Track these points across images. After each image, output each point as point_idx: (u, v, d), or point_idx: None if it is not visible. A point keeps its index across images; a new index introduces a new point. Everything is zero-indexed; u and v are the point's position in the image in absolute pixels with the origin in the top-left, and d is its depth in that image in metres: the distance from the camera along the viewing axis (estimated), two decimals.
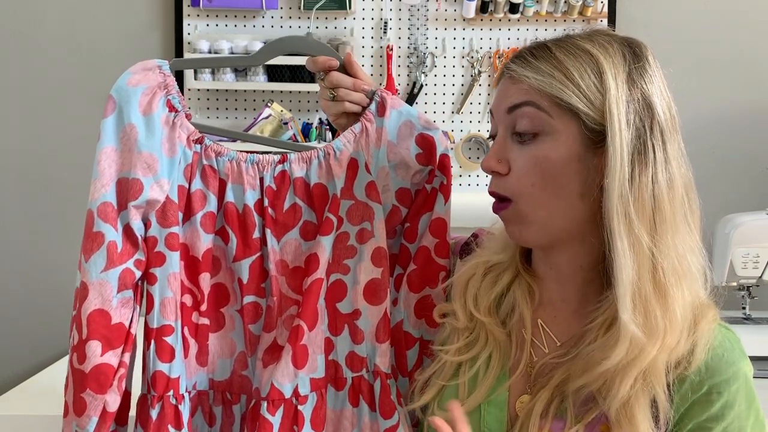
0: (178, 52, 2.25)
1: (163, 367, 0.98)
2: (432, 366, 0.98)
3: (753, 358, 0.91)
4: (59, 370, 1.85)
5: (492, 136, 0.94)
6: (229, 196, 1.01)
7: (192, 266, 1.01)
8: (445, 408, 0.92)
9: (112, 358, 0.95)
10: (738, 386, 0.86)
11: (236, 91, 2.28)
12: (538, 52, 0.89)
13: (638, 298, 0.83)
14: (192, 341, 1.02)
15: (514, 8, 2.22)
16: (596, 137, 0.86)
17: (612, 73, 0.86)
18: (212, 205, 1.01)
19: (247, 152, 1.03)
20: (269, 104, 2.21)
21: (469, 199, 1.69)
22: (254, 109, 2.28)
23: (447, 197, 1.05)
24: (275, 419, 0.97)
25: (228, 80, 2.21)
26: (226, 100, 2.29)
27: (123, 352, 0.96)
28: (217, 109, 2.29)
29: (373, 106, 1.04)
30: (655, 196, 0.84)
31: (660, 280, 0.84)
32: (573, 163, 0.86)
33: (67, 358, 0.97)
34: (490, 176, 0.92)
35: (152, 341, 0.98)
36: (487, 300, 0.96)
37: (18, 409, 1.56)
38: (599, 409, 0.86)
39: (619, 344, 0.83)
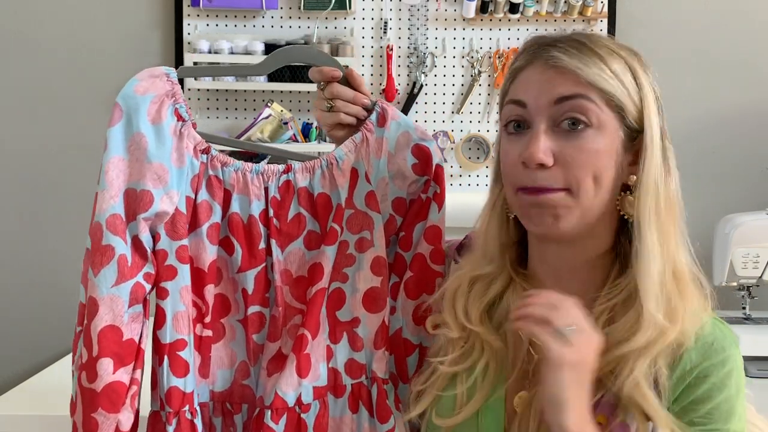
0: (178, 52, 2.25)
1: (178, 382, 0.96)
2: (425, 375, 0.98)
3: (753, 358, 0.92)
4: (59, 370, 1.85)
5: (514, 123, 0.91)
6: (235, 207, 1.00)
7: (197, 278, 0.99)
8: (443, 415, 0.93)
9: (123, 375, 0.93)
10: (728, 370, 0.88)
11: (236, 91, 2.28)
12: (578, 45, 0.89)
13: (662, 288, 0.87)
14: (195, 353, 1.00)
15: (514, 8, 2.22)
16: (631, 134, 0.89)
17: (642, 74, 0.90)
18: (217, 215, 1.00)
19: (248, 153, 1.03)
20: (269, 104, 2.21)
21: (470, 199, 1.69)
22: (254, 109, 2.28)
23: (441, 206, 1.05)
24: (278, 427, 0.97)
25: (228, 80, 2.21)
26: (226, 100, 2.29)
27: (134, 368, 0.94)
28: (217, 109, 2.29)
29: (373, 117, 1.05)
30: (674, 197, 0.90)
31: (679, 270, 0.89)
32: (613, 158, 0.89)
33: (66, 359, 0.96)
34: (527, 170, 0.89)
35: (165, 356, 0.96)
36: (477, 309, 0.96)
37: (18, 409, 1.56)
38: (599, 393, 0.87)
39: (641, 331, 0.86)
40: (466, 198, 1.71)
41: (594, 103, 0.87)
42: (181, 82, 2.19)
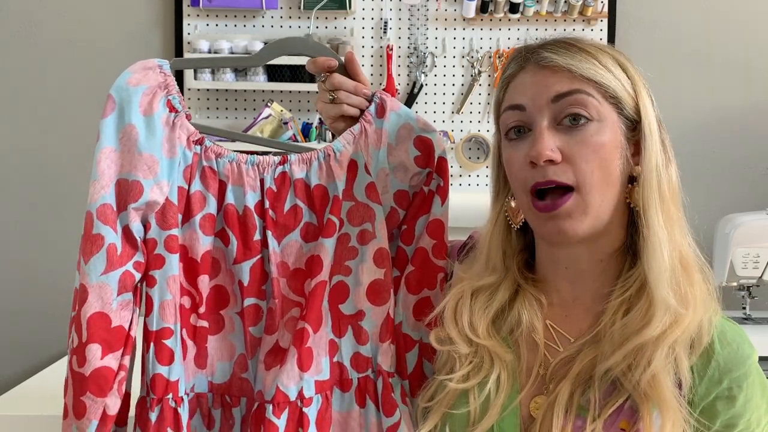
0: (178, 51, 2.25)
1: (162, 369, 0.97)
2: (431, 391, 0.96)
3: None
4: (59, 370, 1.85)
5: (518, 128, 0.92)
6: (230, 198, 1.00)
7: (190, 268, 1.00)
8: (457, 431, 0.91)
9: (112, 361, 0.94)
10: (753, 378, 0.89)
11: (236, 91, 2.28)
12: (566, 45, 0.91)
13: (672, 273, 0.87)
14: (190, 343, 1.01)
15: (514, 8, 2.22)
16: (629, 126, 0.90)
17: (631, 67, 0.91)
18: (211, 206, 1.00)
19: (247, 153, 1.03)
20: (269, 104, 2.21)
21: (470, 199, 1.69)
22: (254, 109, 2.28)
23: (444, 199, 1.04)
24: (280, 422, 0.97)
25: (228, 80, 2.21)
26: (226, 100, 2.29)
27: (123, 355, 0.95)
28: (217, 109, 2.29)
29: (372, 108, 1.04)
30: (675, 184, 0.91)
31: (685, 257, 0.90)
32: (618, 150, 0.89)
33: (65, 359, 0.97)
34: (535, 168, 0.89)
35: (151, 344, 0.97)
36: (484, 322, 0.95)
37: (18, 409, 1.56)
38: (622, 397, 0.87)
39: (655, 319, 0.86)
40: (467, 198, 1.72)
41: (592, 97, 0.88)
42: (180, 79, 2.21)
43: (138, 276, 0.97)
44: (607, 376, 0.88)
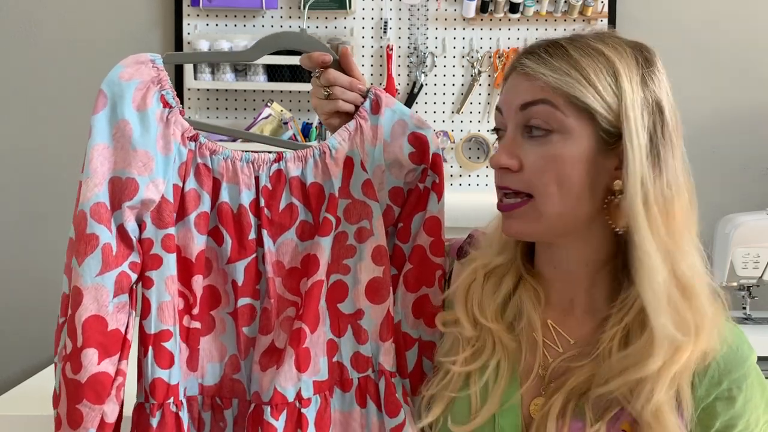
0: (178, 51, 2.25)
1: (162, 373, 0.94)
2: (437, 378, 0.96)
3: None
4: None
5: (497, 130, 0.94)
6: (224, 196, 0.98)
7: (185, 268, 0.97)
8: (458, 421, 0.92)
9: (109, 366, 0.91)
10: (752, 379, 0.89)
11: (236, 90, 2.28)
12: (552, 49, 0.88)
13: (669, 299, 0.84)
14: (183, 345, 0.98)
15: (514, 8, 2.22)
16: (610, 138, 0.86)
17: (627, 75, 0.86)
18: (206, 204, 0.98)
19: (242, 151, 1.01)
20: (269, 104, 2.21)
21: (470, 199, 1.69)
22: (254, 109, 2.29)
23: (440, 196, 1.03)
24: (279, 423, 0.95)
25: (228, 80, 2.21)
26: (226, 99, 2.29)
27: (120, 359, 0.92)
28: (217, 108, 2.29)
29: (367, 104, 1.03)
30: (669, 200, 0.85)
31: (685, 280, 0.85)
32: (584, 163, 0.86)
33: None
34: (497, 172, 0.91)
35: (150, 347, 0.94)
36: (492, 306, 0.95)
37: (18, 409, 1.56)
38: (621, 406, 0.86)
39: (655, 352, 0.83)
40: (466, 198, 1.72)
41: (557, 108, 0.86)
42: (180, 78, 2.21)
43: (134, 277, 0.94)
44: (603, 397, 0.87)
